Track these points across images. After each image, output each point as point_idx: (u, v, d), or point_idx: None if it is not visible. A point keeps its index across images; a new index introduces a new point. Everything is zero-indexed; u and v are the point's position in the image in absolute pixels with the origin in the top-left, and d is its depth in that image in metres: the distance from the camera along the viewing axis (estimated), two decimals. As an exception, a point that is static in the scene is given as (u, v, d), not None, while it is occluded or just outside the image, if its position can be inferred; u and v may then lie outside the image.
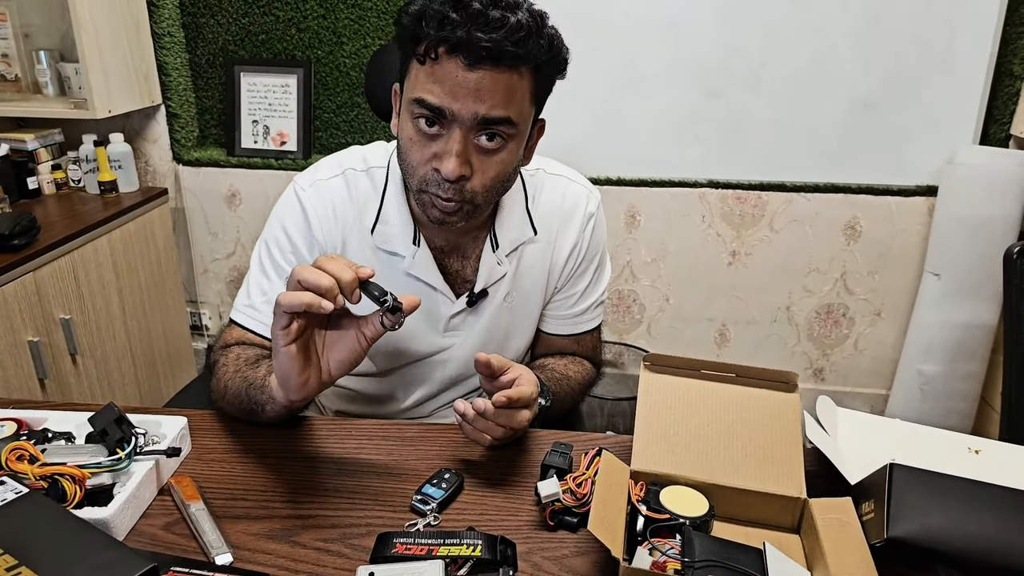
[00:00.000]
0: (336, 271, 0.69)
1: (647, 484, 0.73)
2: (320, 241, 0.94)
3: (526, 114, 0.83)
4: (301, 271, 0.69)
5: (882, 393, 2.21)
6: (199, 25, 2.13)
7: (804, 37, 1.89)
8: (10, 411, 0.84)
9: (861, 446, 0.83)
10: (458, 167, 0.79)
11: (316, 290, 0.68)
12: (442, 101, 0.77)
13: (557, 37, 0.81)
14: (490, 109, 0.78)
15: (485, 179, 0.83)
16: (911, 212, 2.00)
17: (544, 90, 0.85)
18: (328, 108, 2.17)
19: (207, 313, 2.43)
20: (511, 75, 0.77)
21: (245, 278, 0.98)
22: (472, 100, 0.77)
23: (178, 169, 2.24)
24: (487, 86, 0.77)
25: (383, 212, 0.94)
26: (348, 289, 0.70)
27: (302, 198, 0.94)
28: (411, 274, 0.95)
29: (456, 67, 0.76)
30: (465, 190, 0.83)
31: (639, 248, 2.17)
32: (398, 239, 0.94)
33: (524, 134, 0.85)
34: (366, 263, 0.95)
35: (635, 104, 2.00)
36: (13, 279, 1.59)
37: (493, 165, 0.83)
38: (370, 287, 0.72)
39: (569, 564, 0.69)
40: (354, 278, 0.70)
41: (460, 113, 0.78)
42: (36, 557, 0.58)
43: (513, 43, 0.75)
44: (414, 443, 0.87)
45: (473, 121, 0.78)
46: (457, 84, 0.76)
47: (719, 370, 0.81)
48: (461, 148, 0.79)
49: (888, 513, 0.65)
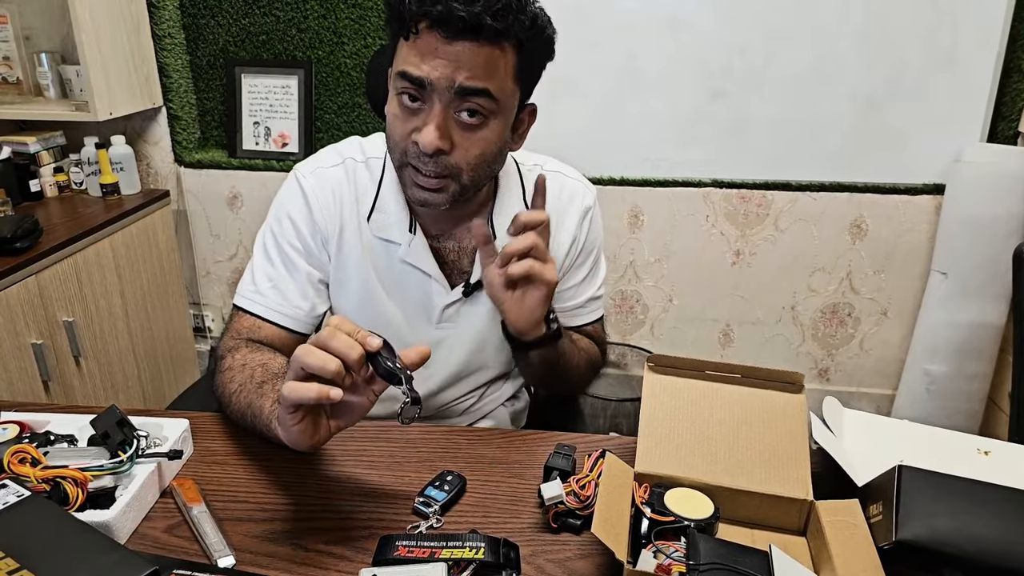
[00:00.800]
0: (342, 350, 0.65)
1: (651, 486, 0.73)
2: (320, 225, 0.95)
3: (508, 91, 0.83)
4: (304, 356, 0.65)
5: (888, 393, 2.20)
6: (199, 26, 2.13)
7: (808, 35, 1.88)
8: (12, 414, 0.84)
9: (868, 447, 0.82)
10: (436, 138, 0.80)
11: (322, 374, 0.64)
12: (421, 71, 0.78)
13: (542, 16, 0.82)
14: (467, 79, 0.78)
15: (468, 156, 0.83)
16: (918, 211, 1.99)
17: (530, 70, 0.85)
18: (329, 109, 2.17)
19: (210, 315, 2.43)
20: (492, 49, 0.78)
21: (248, 264, 0.99)
22: (451, 69, 0.78)
23: (180, 171, 2.24)
24: (466, 58, 0.78)
25: (379, 200, 0.95)
26: (355, 367, 0.66)
27: (303, 184, 0.96)
28: (407, 261, 0.96)
29: (436, 39, 0.77)
30: (448, 165, 0.83)
31: (642, 248, 2.16)
32: (394, 227, 0.95)
33: (507, 112, 0.85)
34: (364, 250, 0.96)
35: (638, 103, 2.00)
36: (16, 282, 1.59)
37: (476, 142, 0.83)
38: (380, 362, 0.67)
39: (572, 567, 0.68)
40: (361, 355, 0.66)
41: (438, 82, 0.78)
42: (38, 560, 0.58)
43: (492, 15, 0.75)
44: (416, 445, 0.87)
45: (450, 90, 0.79)
46: (437, 55, 0.78)
47: (724, 371, 0.81)
48: (441, 121, 0.80)
49: (896, 515, 0.64)
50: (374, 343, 0.67)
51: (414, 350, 0.70)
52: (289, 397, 0.65)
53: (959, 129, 1.89)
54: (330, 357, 0.64)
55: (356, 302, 0.98)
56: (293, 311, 0.95)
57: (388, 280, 0.98)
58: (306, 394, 0.64)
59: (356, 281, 0.97)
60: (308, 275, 0.96)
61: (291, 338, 0.96)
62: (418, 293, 0.98)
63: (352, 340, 0.66)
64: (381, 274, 0.97)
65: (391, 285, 0.98)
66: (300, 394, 0.64)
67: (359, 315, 0.99)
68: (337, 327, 0.67)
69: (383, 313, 0.99)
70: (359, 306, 0.98)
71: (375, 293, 0.98)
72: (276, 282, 0.95)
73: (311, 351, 0.65)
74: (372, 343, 0.67)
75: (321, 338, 0.66)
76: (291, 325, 0.95)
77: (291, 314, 0.95)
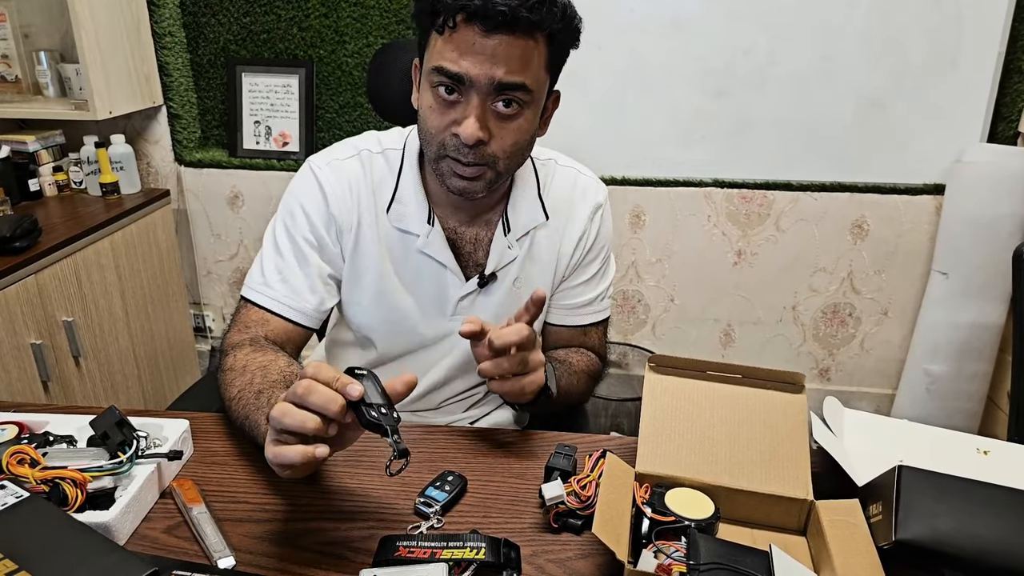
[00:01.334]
0: (320, 404, 0.61)
1: (652, 486, 0.72)
2: (336, 218, 0.95)
3: (541, 81, 0.85)
4: (281, 418, 0.61)
5: (888, 393, 2.20)
6: (200, 25, 2.13)
7: (811, 35, 1.88)
8: (11, 414, 0.84)
9: (868, 447, 0.82)
10: (477, 130, 0.81)
11: (302, 433, 0.61)
12: (460, 67, 0.80)
13: (571, 7, 0.84)
14: (506, 74, 0.80)
15: (504, 144, 0.85)
16: (918, 211, 1.99)
17: (558, 59, 0.87)
18: (331, 108, 2.17)
19: (210, 315, 2.43)
20: (526, 41, 0.80)
21: (257, 256, 0.98)
22: (489, 65, 0.79)
23: (180, 170, 2.24)
24: (503, 52, 0.79)
25: (399, 191, 0.96)
26: (337, 418, 0.62)
27: (319, 176, 0.95)
28: (424, 252, 0.96)
29: (473, 34, 0.78)
30: (486, 155, 0.84)
31: (644, 248, 2.16)
32: (413, 218, 0.95)
33: (540, 102, 0.87)
34: (380, 242, 0.96)
35: (640, 103, 2.00)
36: (15, 281, 1.59)
37: (511, 132, 0.85)
38: (363, 413, 0.62)
39: (573, 567, 0.68)
40: (341, 407, 0.61)
41: (478, 78, 0.79)
42: (37, 562, 0.58)
43: (528, 9, 0.77)
44: (417, 445, 0.87)
45: (490, 86, 0.80)
46: (475, 50, 0.79)
47: (725, 371, 0.81)
48: (480, 112, 0.82)
49: (896, 515, 0.64)
50: (354, 392, 0.62)
51: (400, 380, 0.66)
52: (274, 462, 0.62)
53: (960, 129, 1.89)
54: (308, 416, 0.61)
55: (371, 294, 0.98)
56: (301, 305, 0.95)
57: (404, 271, 0.98)
58: (291, 459, 0.61)
59: (372, 273, 0.97)
60: (319, 269, 0.96)
61: (298, 332, 0.96)
62: (433, 285, 0.99)
63: (330, 392, 0.61)
64: (397, 265, 0.98)
65: (407, 276, 0.98)
66: (285, 459, 0.61)
67: (374, 307, 0.99)
68: (314, 377, 0.62)
69: (398, 305, 0.99)
70: (374, 298, 0.98)
71: (391, 284, 0.98)
72: (285, 275, 0.95)
73: (287, 412, 0.61)
74: (352, 392, 0.62)
75: (297, 394, 0.61)
76: (299, 319, 0.95)
77: (299, 307, 0.95)
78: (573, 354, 1.06)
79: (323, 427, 0.61)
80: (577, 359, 1.05)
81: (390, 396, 0.66)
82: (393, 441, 0.62)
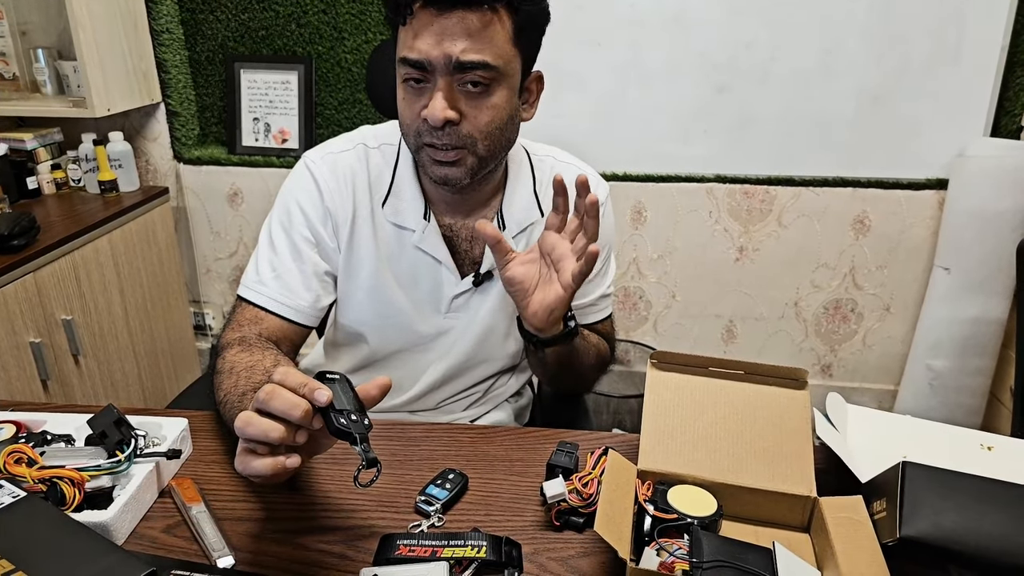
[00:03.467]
0: (282, 410, 0.58)
1: (654, 483, 0.72)
2: (332, 212, 0.94)
3: (507, 56, 0.82)
4: (244, 428, 0.58)
5: (891, 389, 2.19)
6: (198, 21, 2.12)
7: (813, 30, 1.87)
8: (8, 413, 0.84)
9: (871, 443, 0.82)
10: (442, 110, 0.80)
11: (266, 442, 0.58)
12: (419, 52, 0.80)
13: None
14: (463, 52, 0.79)
15: (479, 123, 0.84)
16: (921, 206, 1.98)
17: (528, 34, 0.84)
18: (330, 105, 2.16)
19: (210, 313, 2.43)
20: (485, 14, 0.79)
21: (253, 254, 0.97)
22: (448, 43, 0.79)
23: (179, 168, 2.23)
24: (461, 29, 0.78)
25: (395, 186, 0.95)
26: (303, 424, 0.59)
27: (313, 170, 0.94)
28: (420, 248, 0.96)
29: (430, 16, 0.79)
30: (461, 135, 0.83)
31: (646, 244, 2.15)
32: (409, 213, 0.95)
33: (511, 77, 0.84)
34: (376, 236, 0.95)
35: (641, 98, 1.99)
36: (13, 280, 1.59)
37: (485, 110, 0.83)
38: (331, 420, 0.59)
39: (575, 565, 0.68)
40: (305, 412, 0.58)
41: (436, 59, 0.79)
42: (34, 562, 0.57)
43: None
44: (418, 443, 0.86)
45: (449, 65, 0.79)
46: (431, 32, 0.79)
47: (727, 367, 0.80)
48: (446, 93, 0.81)
49: (901, 512, 0.64)
50: (321, 398, 0.59)
51: (374, 384, 0.63)
52: (244, 472, 0.60)
53: (962, 124, 1.88)
54: (271, 426, 0.58)
55: (366, 289, 0.98)
56: (296, 302, 0.94)
57: (399, 268, 0.97)
58: (259, 471, 0.59)
59: (367, 268, 0.96)
60: (315, 266, 0.95)
61: (293, 329, 0.95)
62: (428, 281, 0.98)
63: (293, 398, 0.58)
64: (392, 261, 0.97)
65: (402, 273, 0.97)
66: (254, 471, 0.59)
67: (368, 303, 0.98)
68: (280, 382, 0.60)
69: (392, 301, 0.98)
70: (369, 293, 0.98)
71: (385, 280, 0.97)
72: (280, 272, 0.94)
73: (250, 422, 0.58)
74: (319, 398, 0.59)
75: (260, 399, 0.59)
76: (293, 316, 0.94)
77: (294, 305, 0.94)
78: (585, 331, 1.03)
79: (288, 435, 0.58)
80: (588, 333, 1.03)
81: (363, 401, 0.63)
82: (361, 450, 0.59)
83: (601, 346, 1.06)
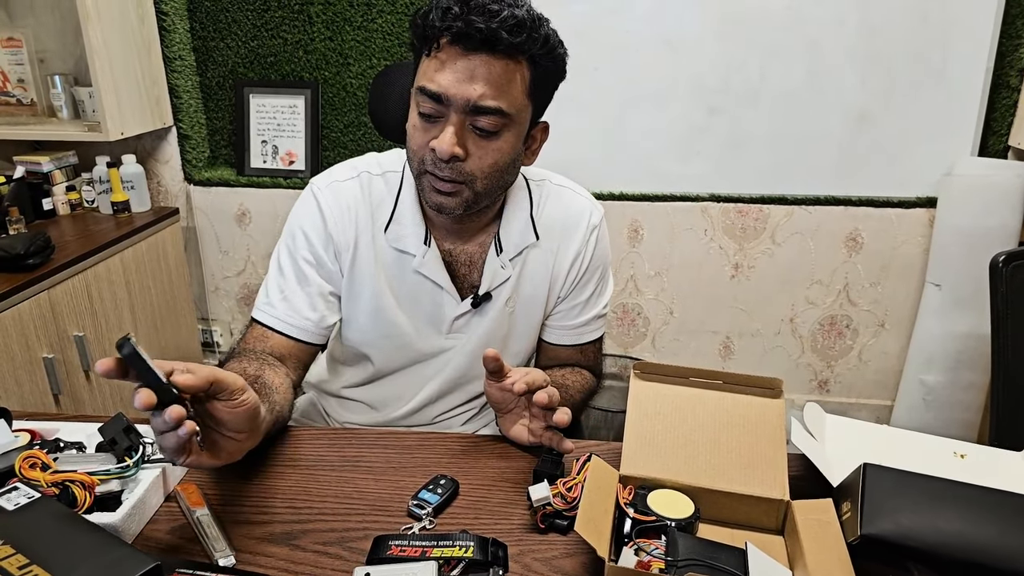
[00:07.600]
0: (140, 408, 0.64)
1: (636, 488, 0.75)
2: (334, 238, 0.98)
3: (520, 105, 0.87)
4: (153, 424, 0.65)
5: (887, 404, 2.21)
6: (209, 48, 2.20)
7: (802, 52, 1.92)
8: (24, 422, 0.88)
9: (848, 451, 0.84)
10: (451, 145, 0.84)
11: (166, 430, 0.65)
12: (439, 86, 0.83)
13: (554, 37, 0.87)
14: (481, 98, 0.83)
15: (483, 164, 0.87)
16: (911, 223, 2.01)
17: (542, 88, 0.89)
18: (336, 128, 2.22)
19: (218, 330, 2.47)
20: (506, 63, 0.83)
21: (265, 279, 1.02)
22: (467, 84, 0.82)
23: (189, 189, 2.29)
24: (482, 72, 0.82)
25: (397, 212, 0.99)
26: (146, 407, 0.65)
27: (318, 197, 0.99)
28: (420, 272, 0.99)
29: (456, 53, 0.82)
30: (463, 172, 0.87)
31: (642, 262, 2.19)
32: (410, 238, 0.98)
33: (520, 125, 0.89)
34: (378, 261, 0.99)
35: (637, 120, 2.04)
36: (28, 297, 1.63)
37: (490, 152, 0.87)
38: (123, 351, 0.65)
39: (558, 565, 0.71)
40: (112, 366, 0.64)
41: (455, 97, 0.83)
42: (46, 556, 0.60)
43: (507, 31, 0.80)
44: (412, 451, 0.90)
45: (466, 105, 0.83)
46: (454, 69, 0.82)
47: (707, 377, 0.83)
48: (457, 129, 0.85)
49: (861, 512, 0.67)
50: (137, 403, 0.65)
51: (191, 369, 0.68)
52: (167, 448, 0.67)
53: (950, 143, 1.92)
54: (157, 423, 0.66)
55: (368, 312, 1.01)
56: (301, 322, 0.98)
57: (400, 291, 1.01)
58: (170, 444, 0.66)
59: (368, 292, 1.00)
60: (319, 287, 0.99)
61: (299, 347, 0.99)
62: (429, 304, 1.02)
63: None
64: (394, 285, 1.00)
65: (403, 296, 1.01)
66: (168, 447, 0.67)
67: (371, 323, 1.02)
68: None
69: (394, 323, 1.02)
70: (371, 316, 1.01)
71: (387, 303, 1.01)
72: (286, 294, 0.99)
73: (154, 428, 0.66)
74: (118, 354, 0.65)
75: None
76: (298, 335, 0.98)
77: (298, 324, 0.98)
78: (568, 375, 1.07)
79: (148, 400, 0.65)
80: (572, 380, 1.07)
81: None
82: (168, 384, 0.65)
83: (585, 386, 1.09)
